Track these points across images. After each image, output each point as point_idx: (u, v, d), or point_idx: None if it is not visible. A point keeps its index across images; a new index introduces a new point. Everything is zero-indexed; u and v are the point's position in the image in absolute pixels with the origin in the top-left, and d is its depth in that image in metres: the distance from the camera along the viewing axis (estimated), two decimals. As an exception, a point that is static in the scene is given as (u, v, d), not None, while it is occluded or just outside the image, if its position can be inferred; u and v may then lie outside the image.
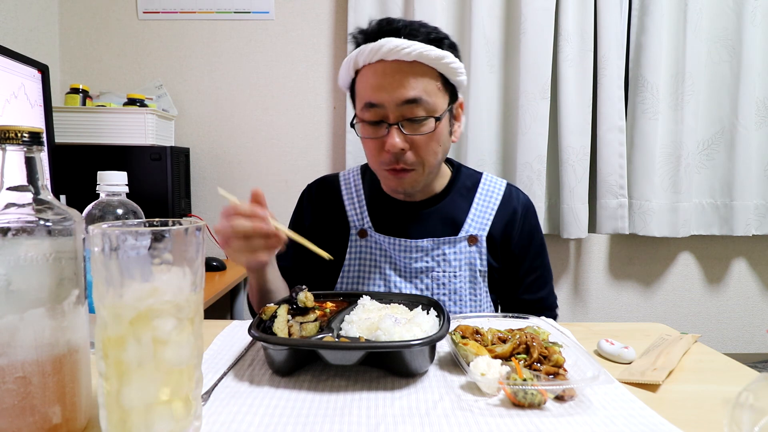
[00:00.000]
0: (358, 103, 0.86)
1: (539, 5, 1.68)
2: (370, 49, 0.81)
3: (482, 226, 0.94)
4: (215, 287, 1.39)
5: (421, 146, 0.84)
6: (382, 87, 0.81)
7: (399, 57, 0.80)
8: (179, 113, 1.82)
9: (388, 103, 0.81)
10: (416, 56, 0.80)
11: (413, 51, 0.80)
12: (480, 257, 0.93)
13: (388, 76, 0.81)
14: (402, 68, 0.81)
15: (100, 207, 0.61)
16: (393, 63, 0.81)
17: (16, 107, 1.16)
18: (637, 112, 1.78)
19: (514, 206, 0.98)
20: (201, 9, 1.81)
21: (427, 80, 0.83)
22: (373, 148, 0.87)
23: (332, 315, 0.65)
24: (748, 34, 1.75)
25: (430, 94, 0.83)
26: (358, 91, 0.87)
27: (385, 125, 0.83)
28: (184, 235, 0.40)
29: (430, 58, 0.81)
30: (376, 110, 0.83)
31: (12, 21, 1.55)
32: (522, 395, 0.48)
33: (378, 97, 0.82)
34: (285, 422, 0.45)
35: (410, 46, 0.80)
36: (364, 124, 0.85)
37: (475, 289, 0.93)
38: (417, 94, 0.81)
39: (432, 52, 0.81)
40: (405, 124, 0.82)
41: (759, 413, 0.38)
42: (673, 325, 1.54)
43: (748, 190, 1.80)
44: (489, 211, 0.96)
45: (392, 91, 0.81)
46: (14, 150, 0.42)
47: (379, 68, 0.82)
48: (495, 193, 0.98)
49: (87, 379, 0.45)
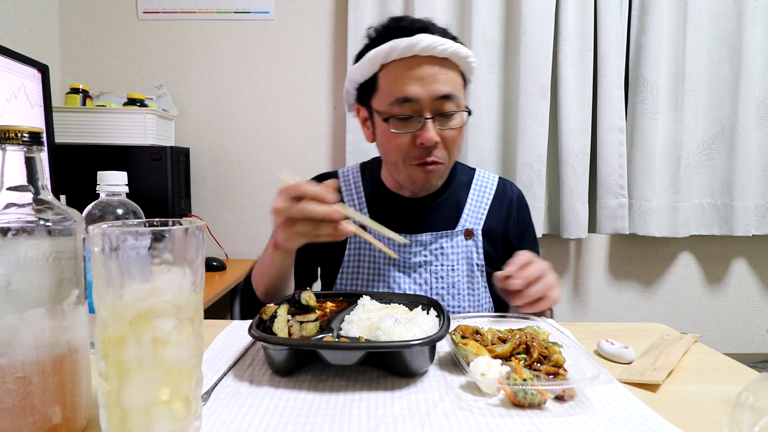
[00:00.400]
0: (385, 98, 0.85)
1: (539, 5, 1.68)
2: (406, 44, 0.81)
3: (477, 220, 0.96)
4: (215, 287, 1.39)
5: (450, 140, 0.86)
6: (417, 81, 0.82)
7: (434, 53, 0.82)
8: (179, 113, 1.82)
9: (424, 97, 0.82)
10: (449, 54, 0.83)
11: (448, 48, 0.82)
12: (477, 251, 0.95)
13: (423, 72, 0.82)
14: (435, 64, 0.83)
15: (100, 207, 0.61)
16: (427, 59, 0.82)
17: (16, 107, 1.16)
18: (637, 112, 1.78)
19: (509, 199, 1.01)
20: (201, 9, 1.81)
21: (455, 76, 0.86)
22: (402, 143, 0.86)
23: (332, 315, 0.65)
24: (748, 34, 1.75)
25: (458, 89, 0.86)
26: (384, 87, 0.86)
27: (418, 120, 0.84)
28: (184, 235, 0.40)
29: (459, 57, 0.84)
30: (410, 105, 0.83)
31: (12, 21, 1.55)
32: (522, 395, 0.48)
33: (414, 91, 0.82)
34: (285, 422, 0.45)
35: (445, 43, 0.82)
36: (394, 120, 0.85)
37: (473, 283, 0.94)
38: (450, 89, 0.83)
39: (462, 51, 0.84)
40: (437, 119, 0.84)
41: (759, 413, 0.38)
42: (673, 325, 1.54)
43: (748, 190, 1.80)
44: (483, 206, 0.98)
45: (428, 86, 0.82)
46: (14, 150, 0.42)
47: (413, 63, 0.82)
48: (488, 188, 1.01)
49: (87, 379, 0.45)
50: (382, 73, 0.86)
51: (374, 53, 0.85)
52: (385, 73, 0.85)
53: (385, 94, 0.85)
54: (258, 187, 1.87)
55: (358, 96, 0.93)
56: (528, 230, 1.03)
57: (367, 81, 0.89)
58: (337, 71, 1.84)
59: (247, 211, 1.86)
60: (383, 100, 0.86)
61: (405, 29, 0.84)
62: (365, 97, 0.91)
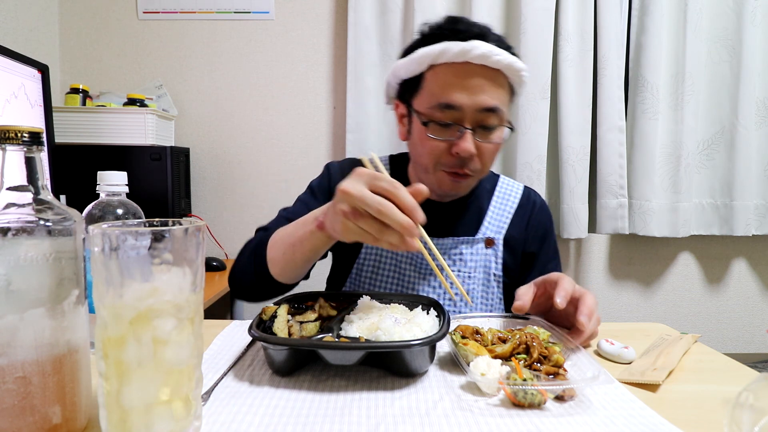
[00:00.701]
0: (428, 100, 0.82)
1: (539, 5, 1.68)
2: (460, 49, 0.77)
3: (499, 228, 0.94)
4: (215, 287, 1.39)
5: (486, 154, 0.83)
6: (464, 90, 0.78)
7: (487, 63, 0.78)
8: (179, 113, 1.82)
9: (468, 107, 0.79)
10: (504, 66, 0.79)
11: (503, 60, 0.78)
12: (495, 260, 0.93)
13: (473, 80, 0.78)
14: (486, 75, 0.79)
15: (100, 207, 0.61)
16: (479, 68, 0.78)
17: (16, 107, 1.16)
18: (637, 112, 1.78)
19: (531, 209, 0.98)
20: (201, 9, 1.81)
21: (504, 90, 0.82)
22: (435, 149, 0.82)
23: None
24: (748, 34, 1.75)
25: (504, 104, 0.82)
26: (429, 88, 0.82)
27: (457, 128, 0.80)
28: (184, 235, 0.40)
29: (513, 70, 0.80)
30: (451, 112, 0.80)
31: (12, 21, 1.55)
32: (522, 395, 0.48)
33: (459, 99, 0.79)
34: (285, 422, 0.45)
35: (500, 54, 0.78)
36: (433, 124, 0.81)
37: (488, 292, 0.93)
38: (496, 103, 0.80)
39: (517, 64, 0.80)
40: (478, 130, 0.81)
41: (759, 413, 0.38)
42: (673, 325, 1.54)
43: (748, 190, 1.80)
44: (506, 214, 0.96)
45: (474, 97, 0.79)
46: (14, 150, 0.42)
47: (463, 70, 0.79)
48: (513, 196, 0.98)
49: (87, 379, 0.45)
50: (429, 73, 0.82)
51: (424, 52, 0.80)
52: (433, 75, 0.82)
53: (429, 96, 0.82)
54: (258, 187, 1.87)
55: (400, 92, 0.89)
56: (548, 239, 0.99)
57: (412, 78, 0.85)
58: (337, 71, 1.84)
59: (247, 211, 1.86)
60: (425, 102, 0.82)
61: (460, 32, 0.80)
62: (407, 94, 0.87)
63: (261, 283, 0.79)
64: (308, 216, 0.72)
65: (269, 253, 0.76)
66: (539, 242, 0.98)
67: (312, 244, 0.70)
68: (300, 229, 0.72)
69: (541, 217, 0.99)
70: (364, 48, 1.73)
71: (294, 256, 0.73)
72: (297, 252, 0.72)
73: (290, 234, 0.74)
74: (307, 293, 0.70)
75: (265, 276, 0.77)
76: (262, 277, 0.77)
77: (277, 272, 0.76)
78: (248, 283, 0.81)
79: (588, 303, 0.66)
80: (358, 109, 1.75)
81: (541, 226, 0.98)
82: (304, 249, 0.71)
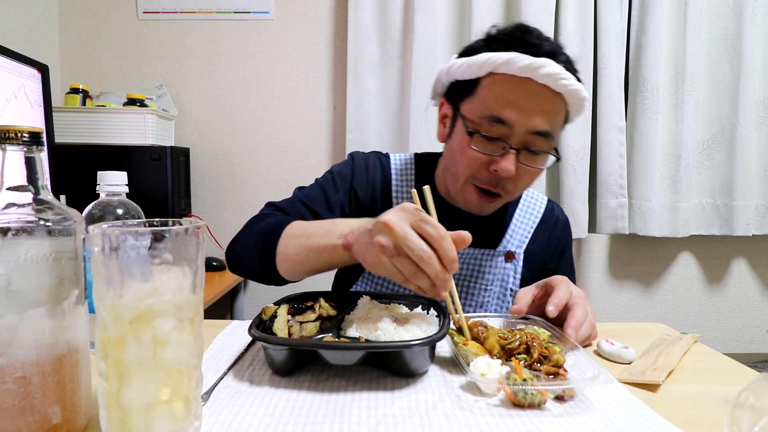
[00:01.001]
0: (479, 108, 0.76)
1: (539, 5, 1.68)
2: (528, 63, 0.71)
3: (520, 242, 0.92)
4: (215, 287, 1.39)
5: (524, 178, 0.79)
6: (520, 107, 0.73)
7: (551, 84, 0.72)
8: (179, 113, 1.82)
9: (519, 126, 0.74)
10: (568, 92, 0.74)
11: (569, 85, 0.73)
12: (514, 275, 0.91)
13: (532, 100, 0.73)
14: (547, 97, 0.74)
15: (100, 207, 0.61)
16: (541, 87, 0.73)
17: (16, 107, 1.16)
18: (637, 112, 1.78)
19: (554, 225, 0.96)
20: (201, 9, 1.81)
21: (560, 117, 0.78)
22: (474, 161, 0.77)
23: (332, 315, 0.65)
24: (748, 34, 1.75)
25: (556, 130, 0.78)
26: (482, 96, 0.76)
27: (502, 145, 0.75)
28: (184, 235, 0.40)
29: (576, 98, 0.75)
30: (500, 127, 0.74)
31: (12, 21, 1.55)
32: (522, 395, 0.48)
33: (511, 116, 0.73)
34: (285, 422, 0.45)
35: (568, 78, 0.72)
36: (478, 135, 0.76)
37: (502, 307, 0.91)
38: (549, 128, 0.75)
39: (582, 93, 0.75)
40: (522, 152, 0.76)
41: (759, 413, 0.38)
42: (673, 325, 1.54)
43: (748, 190, 1.80)
44: (528, 228, 0.93)
45: (528, 118, 0.73)
46: (14, 150, 0.42)
47: (524, 86, 0.73)
48: (536, 210, 0.95)
49: (87, 379, 0.45)
50: (486, 80, 0.76)
51: (488, 57, 0.74)
52: (490, 83, 0.75)
53: (481, 104, 0.76)
54: (258, 187, 1.87)
55: (449, 91, 0.83)
56: (567, 256, 0.98)
57: (466, 81, 0.79)
58: (337, 71, 1.84)
59: (247, 211, 1.86)
60: (475, 110, 0.77)
61: (530, 45, 0.74)
62: (456, 96, 0.81)
63: (262, 269, 0.75)
64: (333, 227, 0.67)
65: (281, 246, 0.72)
66: (558, 259, 0.96)
67: (331, 258, 0.67)
68: (323, 238, 0.67)
69: (562, 234, 0.97)
70: (364, 48, 1.73)
71: (308, 261, 0.70)
72: (312, 259, 0.69)
73: (309, 237, 0.69)
74: (307, 293, 0.70)
75: (270, 265, 0.73)
76: (266, 265, 0.73)
77: (285, 268, 0.72)
78: (248, 266, 0.77)
79: (577, 315, 0.65)
80: (358, 109, 1.75)
81: (561, 244, 0.97)
82: (321, 259, 0.68)
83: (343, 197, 0.90)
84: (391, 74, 1.77)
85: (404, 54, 1.76)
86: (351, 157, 0.95)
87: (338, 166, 0.94)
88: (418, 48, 1.69)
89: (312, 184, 0.92)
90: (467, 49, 0.81)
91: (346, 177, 0.92)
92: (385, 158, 0.95)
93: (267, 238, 0.73)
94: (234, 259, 0.81)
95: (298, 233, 0.71)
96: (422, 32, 1.69)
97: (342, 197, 0.90)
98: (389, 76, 1.78)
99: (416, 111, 1.71)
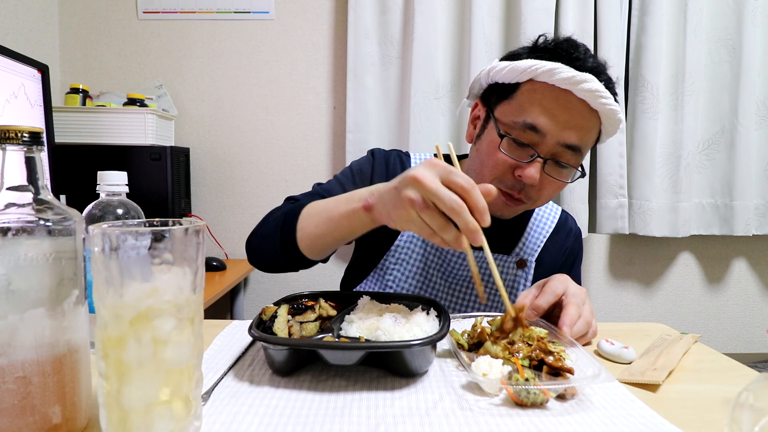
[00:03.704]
0: (514, 113, 0.77)
1: (539, 5, 1.68)
2: (570, 76, 0.71)
3: (533, 250, 0.92)
4: (215, 287, 1.39)
5: (547, 188, 0.79)
6: (555, 118, 0.74)
7: (589, 101, 0.73)
8: (179, 113, 1.82)
9: (551, 136, 0.74)
10: (604, 110, 0.74)
11: (607, 104, 0.73)
12: (525, 283, 0.91)
13: (568, 112, 0.74)
14: (583, 112, 0.74)
15: (100, 207, 0.61)
16: (579, 102, 0.73)
17: (16, 107, 1.16)
18: (637, 112, 1.78)
19: (566, 236, 0.96)
20: (201, 9, 1.81)
21: (592, 134, 0.78)
22: (500, 165, 0.77)
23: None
24: (748, 34, 1.75)
25: (586, 146, 0.78)
26: (519, 101, 0.76)
27: (530, 152, 0.75)
28: (184, 235, 0.40)
29: (612, 119, 0.76)
30: (532, 134, 0.75)
31: (12, 21, 1.55)
32: (525, 395, 0.48)
33: (545, 125, 0.74)
34: (285, 422, 0.45)
35: (607, 98, 0.73)
36: (508, 139, 0.76)
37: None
38: (580, 143, 0.76)
39: (619, 115, 0.76)
40: (549, 162, 0.76)
41: (759, 413, 0.38)
42: (673, 325, 1.54)
43: (748, 190, 1.80)
44: (541, 237, 0.93)
45: (562, 128, 0.74)
46: (14, 150, 0.42)
47: (563, 98, 0.73)
48: (550, 219, 0.95)
49: (87, 379, 0.45)
50: (526, 86, 0.76)
51: (531, 64, 0.74)
52: (530, 89, 0.76)
53: (517, 109, 0.76)
54: (258, 187, 1.87)
55: (486, 93, 0.84)
56: (576, 267, 0.98)
57: (505, 85, 0.79)
58: (337, 71, 1.84)
59: (247, 211, 1.86)
60: (510, 114, 0.77)
61: (575, 59, 0.75)
62: (492, 98, 0.81)
63: (284, 252, 0.74)
64: (352, 194, 0.68)
65: (300, 224, 0.72)
66: (567, 270, 0.96)
67: (351, 224, 0.67)
68: (342, 205, 0.68)
69: (574, 245, 0.97)
70: (364, 48, 1.73)
71: (329, 231, 0.70)
72: (333, 228, 0.69)
73: (328, 208, 0.70)
74: (307, 293, 0.70)
75: (291, 246, 0.73)
76: (288, 246, 0.74)
77: (306, 245, 0.73)
78: (269, 251, 0.77)
79: (569, 313, 0.66)
80: (358, 109, 1.75)
81: (572, 255, 0.97)
82: (341, 227, 0.68)
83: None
84: (391, 74, 1.77)
85: (404, 54, 1.76)
86: (371, 153, 0.95)
87: (358, 162, 0.94)
88: (418, 48, 1.69)
89: (330, 179, 0.93)
90: (511, 54, 0.82)
91: (366, 173, 0.92)
92: (405, 156, 0.95)
93: (286, 220, 0.74)
94: (254, 249, 0.81)
95: (316, 209, 0.72)
96: (422, 32, 1.69)
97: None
98: (389, 76, 1.78)
99: (416, 111, 1.71)
